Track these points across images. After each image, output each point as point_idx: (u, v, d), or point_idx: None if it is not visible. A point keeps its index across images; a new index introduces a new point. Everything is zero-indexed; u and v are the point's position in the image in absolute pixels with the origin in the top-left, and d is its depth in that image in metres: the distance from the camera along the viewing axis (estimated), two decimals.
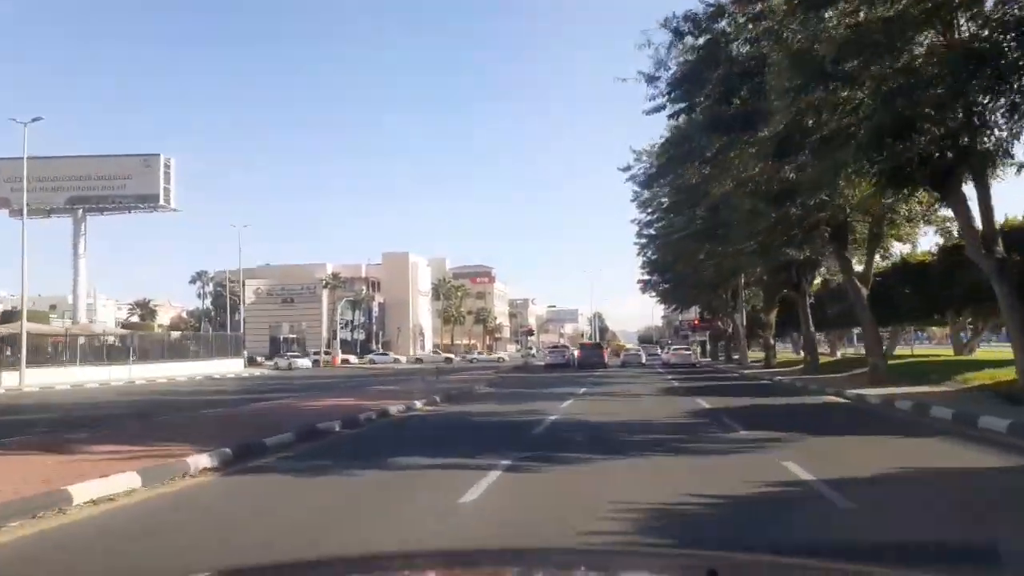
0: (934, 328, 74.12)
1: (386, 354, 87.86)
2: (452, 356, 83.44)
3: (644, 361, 56.52)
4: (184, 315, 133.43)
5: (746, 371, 38.36)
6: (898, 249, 29.87)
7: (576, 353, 54.09)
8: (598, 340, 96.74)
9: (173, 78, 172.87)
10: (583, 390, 26.87)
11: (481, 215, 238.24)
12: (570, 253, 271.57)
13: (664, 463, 10.36)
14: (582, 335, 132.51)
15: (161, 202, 67.40)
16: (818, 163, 17.08)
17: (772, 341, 40.85)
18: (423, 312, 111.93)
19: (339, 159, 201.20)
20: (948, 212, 23.88)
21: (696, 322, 66.00)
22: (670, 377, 36.29)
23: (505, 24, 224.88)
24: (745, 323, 42.78)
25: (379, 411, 17.43)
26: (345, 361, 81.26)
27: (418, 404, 19.94)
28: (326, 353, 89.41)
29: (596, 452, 11.09)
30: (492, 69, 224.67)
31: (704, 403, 20.00)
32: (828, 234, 24.62)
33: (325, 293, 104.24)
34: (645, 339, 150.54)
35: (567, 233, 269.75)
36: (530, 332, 66.18)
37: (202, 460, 10.09)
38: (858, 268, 27.37)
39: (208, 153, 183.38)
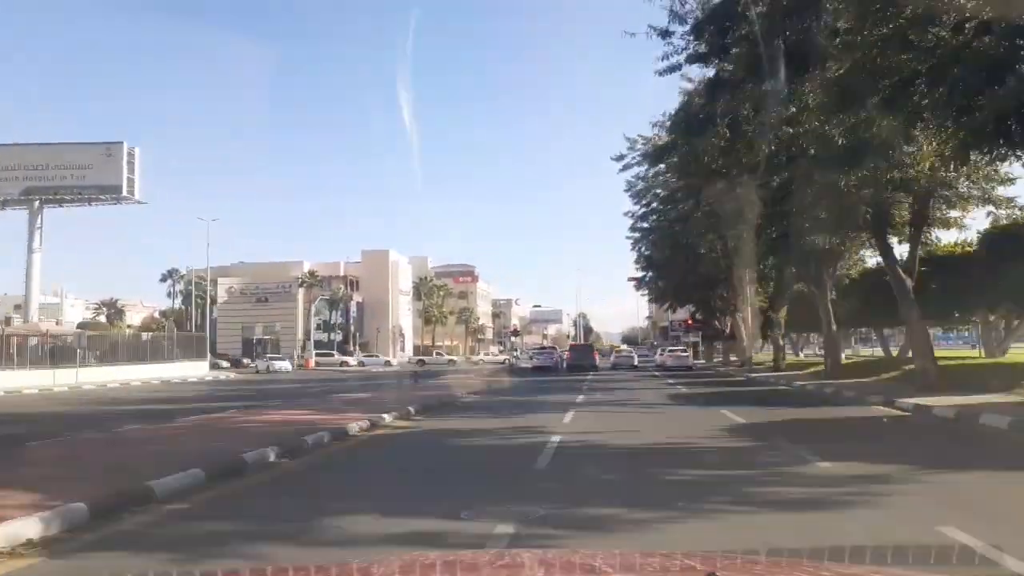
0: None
1: (375, 355, 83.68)
2: (424, 359, 79.31)
3: (636, 363, 53.14)
4: (157, 315, 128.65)
5: (754, 375, 34.98)
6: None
7: (565, 355, 50.49)
8: (584, 341, 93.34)
9: (147, 66, 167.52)
10: (581, 397, 23.33)
11: (465, 215, 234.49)
12: (555, 254, 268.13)
13: (749, 528, 6.69)
14: (568, 336, 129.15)
15: (124, 193, 63.00)
16: (886, 116, 13.58)
17: (782, 342, 37.46)
18: (403, 312, 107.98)
19: (321, 157, 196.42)
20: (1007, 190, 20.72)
21: (688, 322, 62.62)
22: (672, 382, 32.85)
23: (502, 24, 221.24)
24: (751, 321, 39.44)
25: (334, 430, 13.64)
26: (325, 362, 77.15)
27: (387, 418, 16.23)
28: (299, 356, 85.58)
29: (636, 503, 7.48)
30: (491, 68, 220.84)
31: (736, 416, 16.47)
32: (868, 215, 21.20)
33: (301, 292, 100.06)
34: (629, 340, 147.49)
35: (551, 234, 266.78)
36: (515, 332, 62.33)
37: (27, 528, 6.37)
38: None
39: (184, 148, 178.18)
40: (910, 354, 25.97)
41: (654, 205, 45.49)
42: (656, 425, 15.55)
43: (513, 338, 64.41)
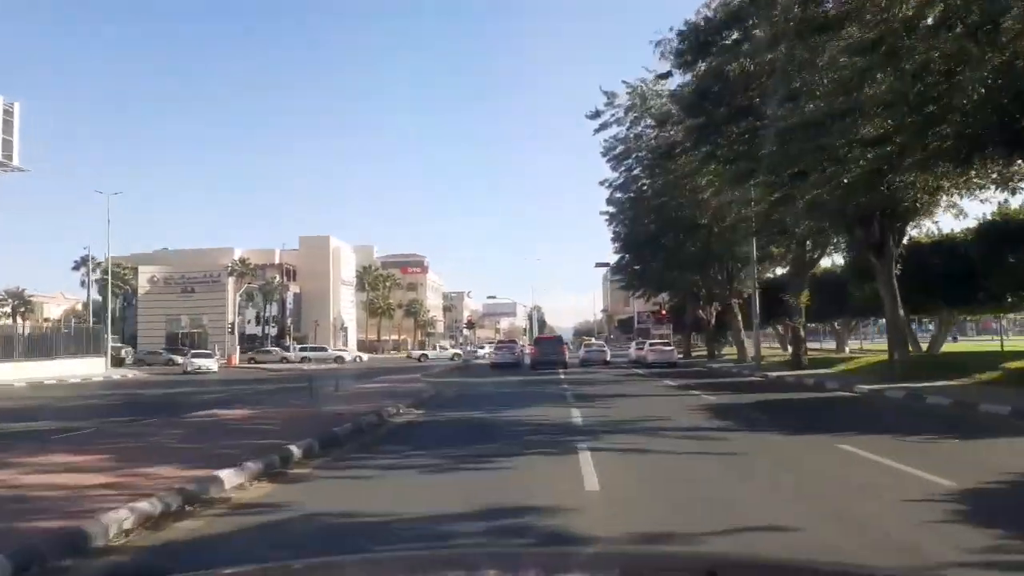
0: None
1: (322, 348, 73.93)
2: (343, 354, 69.82)
3: (608, 359, 45.55)
4: (80, 307, 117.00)
5: (774, 374, 27.50)
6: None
7: (529, 350, 42.49)
8: (541, 334, 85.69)
9: (49, 37, 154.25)
10: (577, 417, 15.34)
11: (415, 205, 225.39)
12: (509, 247, 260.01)
13: None
14: (523, 330, 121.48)
15: (0, 157, 52.87)
16: None
17: (803, 333, 30.05)
18: (346, 304, 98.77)
19: (254, 141, 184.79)
20: None
21: (661, 313, 55.35)
22: (674, 384, 25.24)
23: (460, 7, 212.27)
24: (758, 306, 31.81)
25: (69, 537, 5.41)
26: (257, 359, 67.68)
27: (236, 479, 8.04)
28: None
29: None
30: (447, 47, 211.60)
31: (899, 464, 8.74)
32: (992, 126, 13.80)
33: (230, 281, 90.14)
34: (582, 334, 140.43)
35: (506, 228, 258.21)
36: (470, 324, 54.31)
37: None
38: None
39: (102, 126, 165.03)
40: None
41: (635, 172, 37.85)
42: (771, 490, 7.71)
43: (467, 331, 56.24)
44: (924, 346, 33.45)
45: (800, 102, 17.43)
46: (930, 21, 13.95)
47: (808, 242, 28.10)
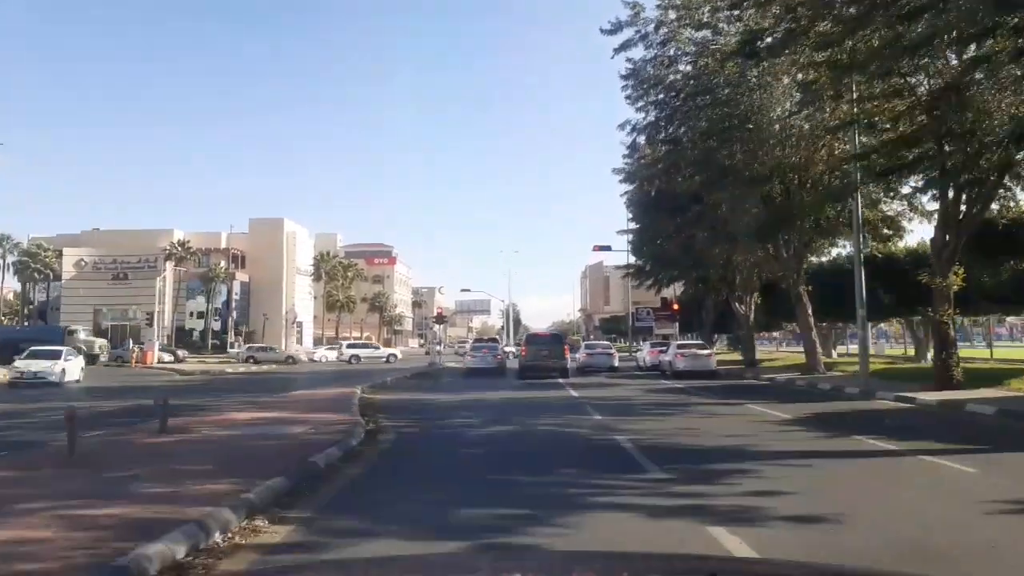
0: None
1: (270, 348, 61.61)
2: (255, 352, 58.39)
3: (616, 364, 34.75)
4: (11, 296, 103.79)
5: (930, 396, 16.74)
6: None
7: (518, 351, 31.27)
8: (539, 331, 74.59)
9: None
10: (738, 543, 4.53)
11: (383, 195, 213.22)
12: (482, 243, 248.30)
13: None
14: (499, 329, 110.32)
15: None
16: None
17: (953, 331, 19.26)
18: (302, 296, 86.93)
19: (204, 116, 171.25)
20: None
21: (672, 307, 44.53)
22: (791, 417, 14.38)
23: None
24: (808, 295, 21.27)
25: None
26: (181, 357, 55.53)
27: None
28: (173, 346, 63.90)
29: None
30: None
31: None
32: None
33: (168, 266, 77.98)
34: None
35: (478, 225, 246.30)
36: (440, 319, 42.98)
37: None
38: None
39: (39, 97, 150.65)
40: None
41: (672, 100, 26.92)
42: None
43: (436, 326, 44.94)
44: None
45: None
46: None
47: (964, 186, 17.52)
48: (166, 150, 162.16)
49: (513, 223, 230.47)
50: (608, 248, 45.06)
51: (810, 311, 26.17)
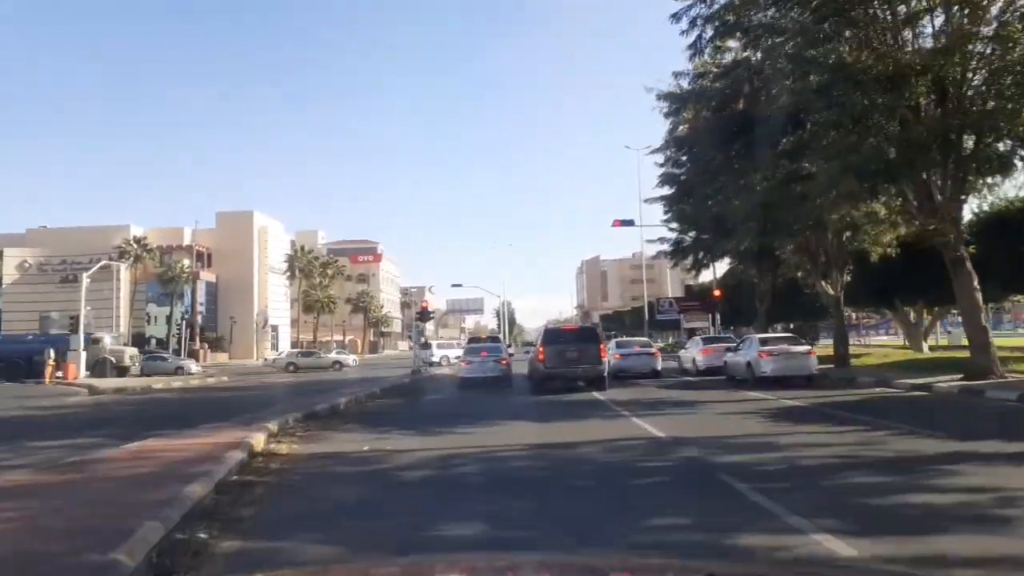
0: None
1: (314, 352, 53.08)
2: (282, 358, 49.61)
3: (659, 367, 25.71)
4: None
5: None
6: None
7: (535, 351, 21.72)
8: (564, 325, 65.23)
9: None
10: None
11: (372, 197, 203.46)
12: (472, 241, 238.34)
13: None
14: (492, 329, 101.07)
15: None
16: None
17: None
18: (277, 296, 77.61)
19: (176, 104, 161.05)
20: None
21: (716, 294, 35.39)
22: None
23: None
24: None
25: None
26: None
27: None
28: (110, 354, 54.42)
29: None
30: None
31: None
32: None
33: (123, 267, 68.44)
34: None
35: (469, 224, 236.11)
36: (424, 314, 33.58)
37: None
38: None
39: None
40: None
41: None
42: None
43: (420, 323, 35.57)
44: None
45: None
46: None
47: None
48: (126, 140, 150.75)
49: (506, 221, 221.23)
50: (630, 223, 35.97)
51: (975, 283, 17.07)
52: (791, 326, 38.32)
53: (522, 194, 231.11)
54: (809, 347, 21.48)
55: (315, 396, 19.49)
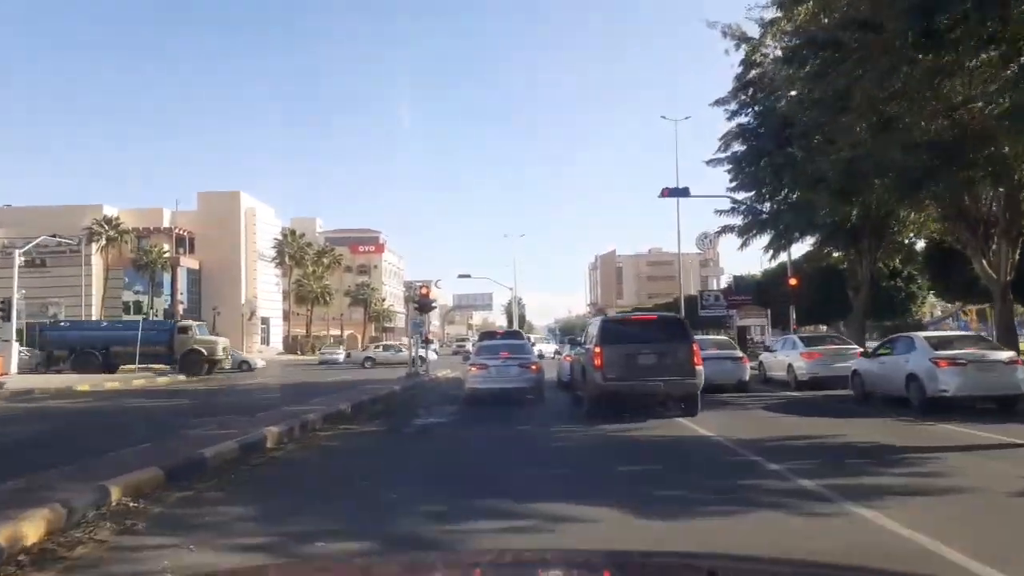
0: None
1: (393, 347, 46.31)
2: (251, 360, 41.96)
3: (746, 377, 18.31)
4: None
5: None
6: None
7: (586, 352, 13.79)
8: (639, 314, 57.68)
9: None
10: None
11: (375, 185, 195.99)
12: (480, 235, 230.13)
13: None
14: (502, 327, 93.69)
15: None
16: None
17: None
18: (267, 286, 70.39)
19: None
20: None
21: (793, 282, 27.81)
22: None
23: None
24: None
25: None
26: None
27: None
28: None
29: None
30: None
31: None
32: None
33: (95, 249, 61.44)
34: (568, 331, 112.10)
35: (478, 219, 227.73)
36: (424, 302, 26.53)
37: None
38: None
39: None
40: None
41: None
42: None
43: (421, 315, 28.40)
44: None
45: None
46: None
47: None
48: (110, 117, 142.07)
49: (514, 218, 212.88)
50: (684, 192, 28.38)
51: None
52: (886, 324, 30.61)
53: (538, 188, 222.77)
54: (1015, 353, 13.89)
55: (257, 414, 12.16)
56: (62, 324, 42.13)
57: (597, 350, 12.60)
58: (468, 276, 64.03)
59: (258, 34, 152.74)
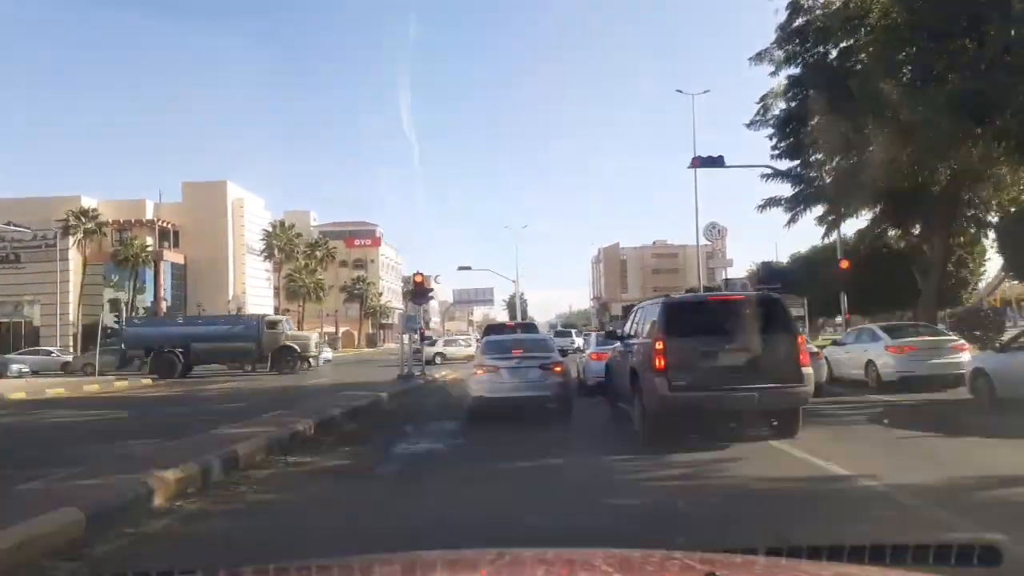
0: None
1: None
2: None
3: (824, 378, 14.46)
4: None
5: None
6: None
7: (640, 348, 9.82)
8: (727, 291, 53.74)
9: None
10: None
11: (374, 176, 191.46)
12: (480, 229, 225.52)
13: None
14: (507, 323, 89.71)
15: None
16: None
17: None
18: (257, 281, 66.48)
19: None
20: None
21: (843, 264, 23.94)
22: None
23: None
24: None
25: None
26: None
27: None
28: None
29: None
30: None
31: None
32: None
33: (71, 243, 57.52)
34: (569, 326, 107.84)
35: (478, 213, 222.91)
36: (421, 290, 23.05)
37: None
38: None
39: None
40: None
41: None
42: None
43: (416, 306, 24.64)
44: None
45: None
46: None
47: None
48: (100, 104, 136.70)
49: (517, 212, 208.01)
50: (718, 161, 24.48)
51: None
52: (947, 312, 26.65)
53: (533, 180, 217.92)
54: None
55: (170, 441, 8.21)
56: (136, 321, 39.09)
57: (659, 345, 8.71)
58: (468, 268, 60.17)
59: (250, 21, 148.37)
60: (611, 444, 9.34)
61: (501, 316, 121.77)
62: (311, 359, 33.65)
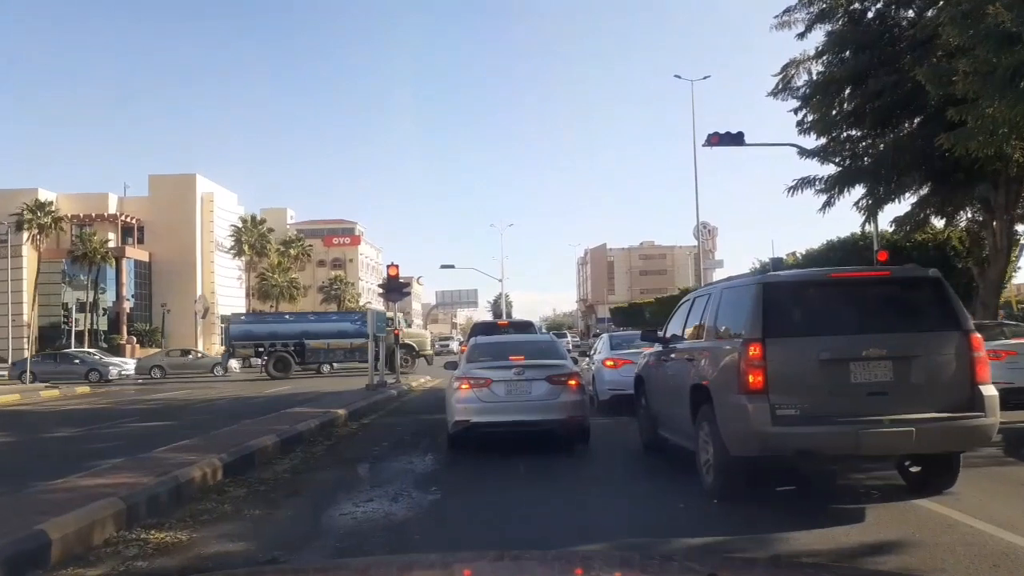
0: None
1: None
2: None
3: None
4: None
5: None
6: None
7: (739, 349, 6.44)
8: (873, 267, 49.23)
9: None
10: None
11: (353, 174, 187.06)
12: (464, 228, 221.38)
13: None
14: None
15: None
16: None
17: None
18: (227, 281, 62.62)
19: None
20: None
21: (882, 256, 20.83)
22: None
23: None
24: None
25: None
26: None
27: None
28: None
29: None
30: None
31: None
32: None
33: (25, 238, 53.36)
34: (555, 328, 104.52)
35: (461, 213, 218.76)
36: (394, 286, 20.12)
37: None
38: None
39: None
40: None
41: None
42: None
43: (390, 301, 21.46)
44: None
45: None
46: None
47: None
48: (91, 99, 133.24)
49: (502, 211, 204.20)
50: (737, 139, 21.29)
51: None
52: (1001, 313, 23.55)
53: (517, 179, 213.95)
54: None
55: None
56: (243, 318, 36.82)
57: (754, 351, 5.34)
58: (452, 267, 57.32)
59: (226, 14, 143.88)
60: (666, 507, 5.94)
61: (486, 318, 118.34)
62: (427, 357, 32.72)
